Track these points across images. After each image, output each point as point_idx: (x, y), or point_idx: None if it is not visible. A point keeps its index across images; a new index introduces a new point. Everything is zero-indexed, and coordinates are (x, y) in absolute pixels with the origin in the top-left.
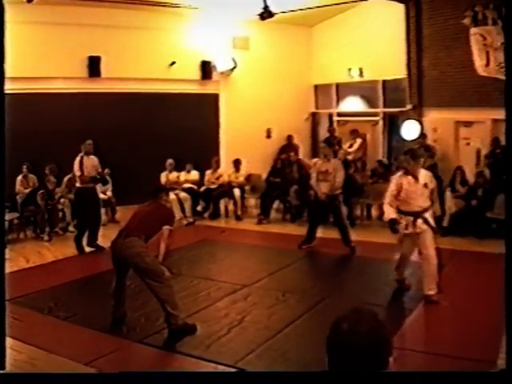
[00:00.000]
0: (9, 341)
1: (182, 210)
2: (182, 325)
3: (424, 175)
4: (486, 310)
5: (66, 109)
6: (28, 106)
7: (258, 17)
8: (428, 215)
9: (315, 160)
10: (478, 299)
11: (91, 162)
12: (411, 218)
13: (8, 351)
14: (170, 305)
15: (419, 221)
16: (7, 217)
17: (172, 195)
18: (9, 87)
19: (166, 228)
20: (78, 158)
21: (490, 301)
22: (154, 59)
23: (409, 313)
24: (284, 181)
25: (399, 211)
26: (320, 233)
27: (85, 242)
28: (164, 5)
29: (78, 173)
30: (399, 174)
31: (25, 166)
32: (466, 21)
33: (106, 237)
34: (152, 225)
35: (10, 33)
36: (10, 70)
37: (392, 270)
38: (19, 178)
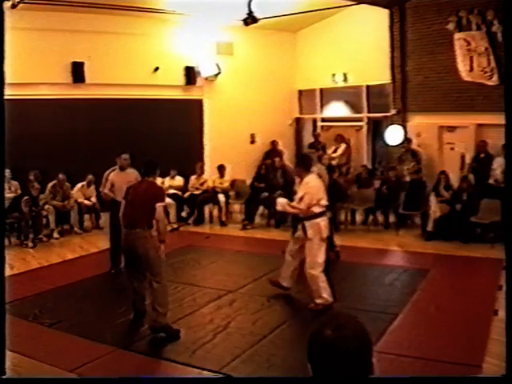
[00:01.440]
0: None
1: (167, 215)
2: (164, 324)
3: (304, 180)
4: (472, 313)
5: (50, 114)
6: (12, 112)
7: (241, 22)
8: (310, 224)
9: None
10: (463, 303)
11: (126, 177)
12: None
13: None
14: (158, 302)
15: (299, 226)
16: None
17: None
18: None
19: (159, 205)
20: (107, 171)
21: (475, 305)
22: (138, 65)
23: (393, 317)
24: (268, 186)
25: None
26: None
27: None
28: (148, 10)
29: (101, 187)
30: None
31: (7, 172)
32: (450, 26)
33: (91, 243)
34: (147, 208)
35: None
36: None
37: (377, 275)
38: None
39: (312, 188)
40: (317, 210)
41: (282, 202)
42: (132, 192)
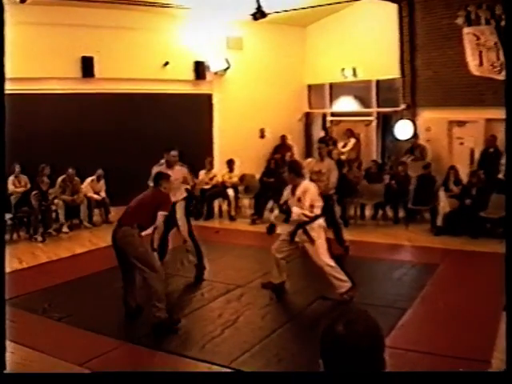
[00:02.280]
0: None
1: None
2: (164, 318)
3: (302, 187)
4: (480, 308)
5: (59, 109)
6: (21, 107)
7: (251, 17)
8: (310, 227)
9: (309, 160)
10: (471, 298)
11: (173, 174)
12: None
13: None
14: (157, 297)
15: (299, 231)
16: None
17: None
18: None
19: (160, 213)
20: (154, 166)
21: (484, 300)
22: (148, 59)
23: (402, 312)
24: (278, 181)
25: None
26: None
27: None
28: (158, 5)
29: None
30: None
31: (17, 166)
32: (459, 20)
33: (100, 238)
34: (146, 212)
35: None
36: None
37: (386, 269)
38: (11, 178)
39: (314, 194)
40: (317, 211)
41: (297, 212)
42: (139, 196)
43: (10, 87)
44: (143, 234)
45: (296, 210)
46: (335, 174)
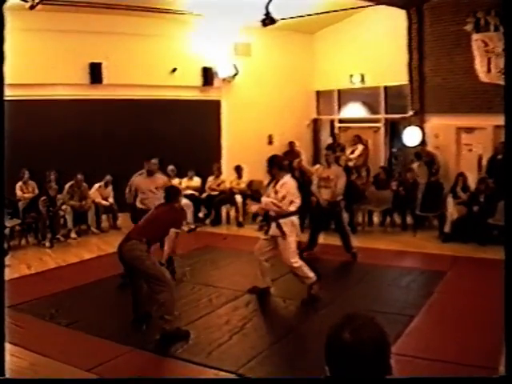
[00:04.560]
0: (10, 347)
1: None
2: (173, 330)
3: (282, 181)
4: (488, 315)
5: (67, 115)
6: (29, 113)
7: (259, 23)
8: (283, 222)
9: (317, 166)
10: (479, 305)
11: (153, 182)
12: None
13: (9, 358)
14: (166, 310)
15: (273, 225)
16: (9, 223)
17: None
18: (10, 94)
19: (172, 230)
20: (135, 175)
21: (492, 307)
22: (156, 66)
23: (410, 319)
24: None
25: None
26: (321, 239)
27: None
28: (165, 11)
29: (127, 194)
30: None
31: (26, 172)
32: (468, 27)
33: (108, 244)
34: (158, 228)
35: (11, 40)
36: (11, 77)
37: (394, 276)
38: (19, 183)
39: (291, 188)
40: (292, 208)
41: (266, 201)
42: (152, 211)
43: (18, 93)
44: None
45: (265, 199)
46: (343, 181)
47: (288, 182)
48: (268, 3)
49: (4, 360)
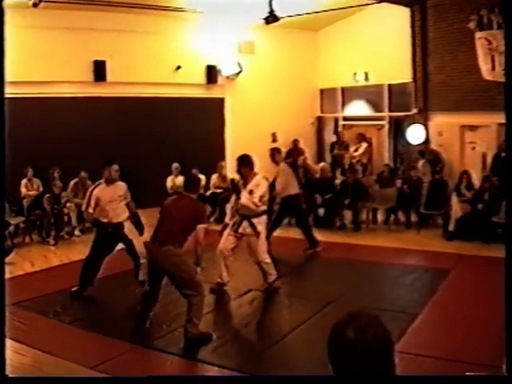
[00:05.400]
0: (14, 344)
1: None
2: (198, 334)
3: (255, 180)
4: (492, 314)
5: (71, 113)
6: (33, 110)
7: (263, 21)
8: (257, 221)
9: (322, 164)
10: (483, 303)
11: (114, 192)
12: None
13: (13, 355)
14: (195, 313)
15: (244, 223)
16: (13, 221)
17: None
18: (14, 91)
19: (200, 227)
20: (92, 187)
21: (497, 305)
22: (160, 63)
23: (414, 317)
24: None
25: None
26: (325, 237)
27: None
28: (169, 9)
29: (83, 205)
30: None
31: (30, 170)
32: (471, 25)
33: None
34: (185, 228)
35: (15, 37)
36: (15, 75)
37: (398, 274)
38: (24, 181)
39: (266, 188)
40: (265, 207)
41: (247, 203)
42: (170, 207)
43: (23, 91)
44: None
45: (245, 201)
46: (287, 178)
47: (263, 182)
48: (271, 0)
49: (4, 358)
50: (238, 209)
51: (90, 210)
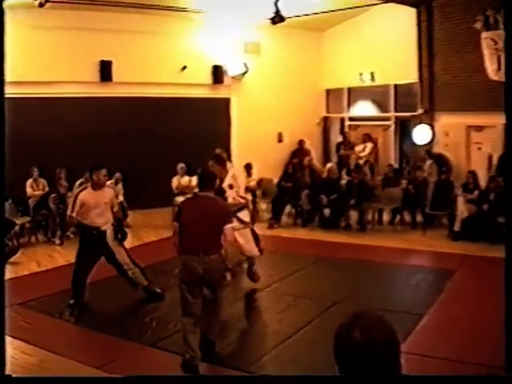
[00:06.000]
0: (20, 344)
1: None
2: (213, 340)
3: (230, 175)
4: (497, 314)
5: (77, 113)
6: (39, 110)
7: (269, 21)
8: (243, 213)
9: (329, 165)
10: (488, 304)
11: (101, 198)
12: None
13: (19, 355)
14: (219, 315)
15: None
16: (19, 221)
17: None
18: (21, 91)
19: (228, 228)
20: (77, 190)
21: (501, 305)
22: (166, 63)
23: (419, 318)
24: (295, 185)
25: None
26: (331, 237)
27: None
28: (175, 9)
29: (68, 210)
30: None
31: (35, 169)
32: (478, 25)
33: None
34: (216, 230)
35: (22, 37)
36: (22, 75)
37: (403, 275)
38: (29, 181)
39: (242, 180)
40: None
41: (233, 196)
42: (194, 212)
43: (28, 90)
44: None
45: (233, 199)
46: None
47: (237, 175)
48: (277, 1)
49: (4, 358)
50: None
51: (74, 215)
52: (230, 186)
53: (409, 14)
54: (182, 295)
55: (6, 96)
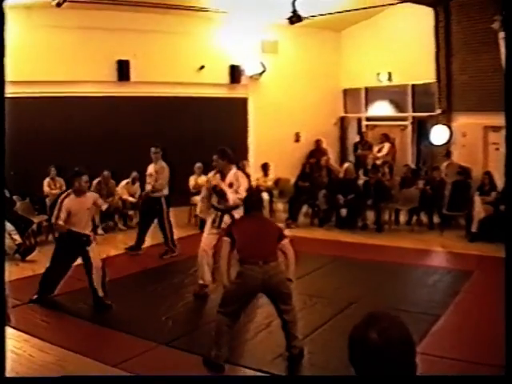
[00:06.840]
0: (38, 342)
1: None
2: (302, 348)
3: (233, 174)
4: None
5: (95, 112)
6: (57, 110)
7: (286, 21)
8: (237, 212)
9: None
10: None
11: (84, 203)
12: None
13: (37, 353)
14: (296, 328)
15: (226, 217)
16: (36, 219)
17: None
18: (38, 91)
19: (286, 242)
20: (62, 197)
21: None
22: (183, 63)
23: (436, 318)
24: (312, 185)
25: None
26: (348, 238)
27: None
28: (193, 9)
29: (54, 218)
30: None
31: (53, 169)
32: (495, 25)
33: (133, 240)
34: (274, 243)
35: (39, 37)
36: (40, 74)
37: (420, 275)
38: (47, 180)
39: (245, 180)
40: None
41: (233, 198)
42: (246, 227)
43: (46, 90)
44: None
45: (232, 196)
46: (164, 177)
47: (241, 174)
48: (294, 0)
49: (5, 358)
50: (217, 204)
51: (61, 222)
52: (230, 185)
53: (426, 14)
54: (227, 296)
55: (25, 95)
